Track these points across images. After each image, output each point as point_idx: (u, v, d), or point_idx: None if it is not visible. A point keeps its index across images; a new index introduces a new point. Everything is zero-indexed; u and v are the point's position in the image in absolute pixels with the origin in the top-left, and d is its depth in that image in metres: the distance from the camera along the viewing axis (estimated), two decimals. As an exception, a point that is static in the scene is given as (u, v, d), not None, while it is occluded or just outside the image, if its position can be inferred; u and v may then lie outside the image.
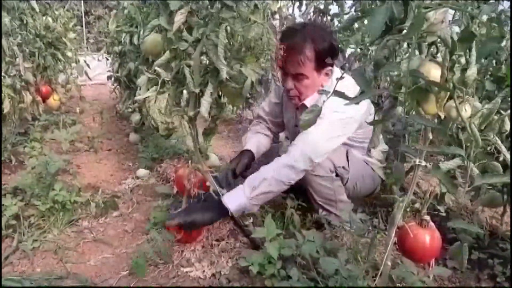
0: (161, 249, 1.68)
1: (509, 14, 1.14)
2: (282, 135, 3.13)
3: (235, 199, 1.63)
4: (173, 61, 1.54)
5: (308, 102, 1.80)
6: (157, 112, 3.00)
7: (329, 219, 1.90)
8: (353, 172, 1.87)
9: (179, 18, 1.37)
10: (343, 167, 1.84)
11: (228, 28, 1.37)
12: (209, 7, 1.39)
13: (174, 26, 1.37)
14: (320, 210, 1.95)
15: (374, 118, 1.01)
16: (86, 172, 2.83)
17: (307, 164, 1.67)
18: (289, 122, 2.09)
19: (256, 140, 2.10)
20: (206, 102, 1.49)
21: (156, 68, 1.58)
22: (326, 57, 1.71)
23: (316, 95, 1.78)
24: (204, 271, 1.63)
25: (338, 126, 1.70)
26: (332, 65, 1.75)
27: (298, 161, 1.65)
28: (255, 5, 1.41)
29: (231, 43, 1.45)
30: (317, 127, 1.61)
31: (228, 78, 1.42)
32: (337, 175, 1.83)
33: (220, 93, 1.63)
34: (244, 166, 1.93)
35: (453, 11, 0.90)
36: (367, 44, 1.77)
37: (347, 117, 1.68)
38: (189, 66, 1.48)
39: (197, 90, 1.50)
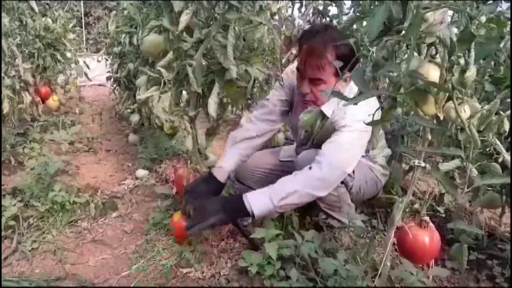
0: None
1: (506, 15, 1.14)
2: (282, 137, 3.14)
3: (261, 205, 1.55)
4: (175, 61, 1.54)
5: (325, 108, 1.65)
6: (161, 110, 3.00)
7: (327, 221, 1.90)
8: (358, 178, 1.84)
9: (185, 18, 1.37)
10: (348, 174, 1.81)
11: (236, 29, 1.37)
12: (214, 8, 1.40)
13: (179, 26, 1.36)
14: (321, 213, 1.95)
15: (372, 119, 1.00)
16: (85, 173, 2.83)
17: (339, 176, 1.63)
18: (296, 125, 1.96)
19: (237, 154, 1.89)
20: (213, 102, 1.49)
21: (159, 68, 1.58)
22: (347, 62, 1.60)
23: (333, 101, 1.63)
24: (203, 272, 1.63)
25: (363, 134, 1.61)
26: (351, 71, 1.62)
27: (331, 173, 1.59)
28: (261, 7, 1.42)
29: (237, 44, 1.45)
30: (344, 136, 1.61)
31: (238, 77, 1.42)
32: (342, 182, 1.81)
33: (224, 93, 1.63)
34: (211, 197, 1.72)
35: (452, 12, 0.90)
36: (367, 45, 1.76)
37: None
38: (191, 66, 1.48)
39: (199, 90, 1.51)
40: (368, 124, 0.98)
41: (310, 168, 1.60)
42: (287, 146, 2.28)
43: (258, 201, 1.56)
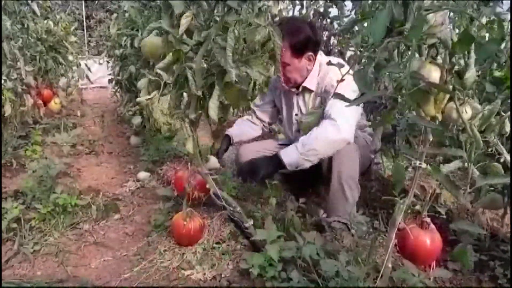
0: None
1: (506, 16, 1.14)
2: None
3: (289, 155, 1.84)
4: (174, 64, 1.55)
5: (308, 83, 2.04)
6: (160, 113, 3.00)
7: (329, 221, 1.90)
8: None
9: (185, 21, 1.37)
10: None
11: (236, 31, 1.37)
12: (214, 11, 1.40)
13: (180, 29, 1.37)
14: (321, 212, 1.95)
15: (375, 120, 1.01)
16: (87, 175, 2.83)
17: (348, 123, 1.82)
18: (288, 114, 2.23)
19: (239, 128, 2.37)
20: (213, 105, 1.50)
21: (158, 70, 1.58)
22: (301, 45, 1.94)
23: (313, 76, 2.03)
24: (205, 274, 1.63)
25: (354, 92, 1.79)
26: (312, 51, 1.99)
27: (339, 119, 1.79)
28: (260, 9, 1.42)
29: (236, 46, 1.46)
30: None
31: (237, 80, 1.43)
32: None
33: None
34: (222, 151, 2.21)
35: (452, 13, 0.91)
36: (370, 46, 1.78)
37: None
38: (191, 68, 1.48)
39: (199, 93, 1.51)
40: (370, 126, 0.98)
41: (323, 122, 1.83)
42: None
43: (287, 152, 1.86)
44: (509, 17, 1.23)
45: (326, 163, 1.92)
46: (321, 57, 2.08)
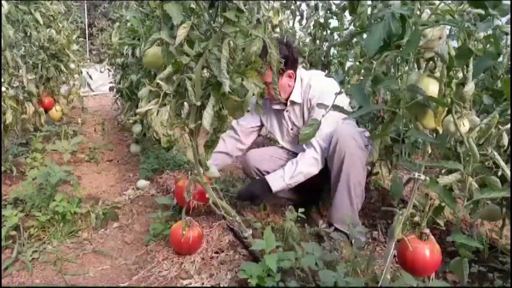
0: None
1: (504, 29, 1.15)
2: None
3: (276, 183, 2.10)
4: (175, 74, 1.56)
5: (294, 97, 2.20)
6: (159, 124, 3.00)
7: (328, 231, 1.90)
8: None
9: (182, 32, 1.38)
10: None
11: (231, 42, 1.39)
12: (214, 21, 1.41)
13: (176, 40, 1.38)
14: (320, 222, 1.95)
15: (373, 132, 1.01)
16: (86, 183, 2.84)
17: (323, 152, 2.05)
18: (280, 129, 2.36)
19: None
20: (208, 115, 1.50)
21: (159, 81, 1.59)
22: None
23: (297, 90, 2.19)
24: (203, 283, 1.63)
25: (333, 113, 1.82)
26: (291, 68, 2.15)
27: (319, 153, 2.05)
28: (258, 20, 1.43)
29: (233, 57, 1.47)
30: (321, 114, 1.75)
31: (230, 91, 1.44)
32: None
33: (221, 105, 1.64)
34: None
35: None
36: (367, 59, 1.80)
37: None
38: (190, 79, 1.50)
39: (198, 103, 1.52)
40: (368, 137, 0.99)
41: (304, 150, 2.09)
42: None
43: (274, 181, 2.11)
44: (509, 29, 1.24)
45: (337, 167, 1.96)
46: (300, 71, 2.25)
